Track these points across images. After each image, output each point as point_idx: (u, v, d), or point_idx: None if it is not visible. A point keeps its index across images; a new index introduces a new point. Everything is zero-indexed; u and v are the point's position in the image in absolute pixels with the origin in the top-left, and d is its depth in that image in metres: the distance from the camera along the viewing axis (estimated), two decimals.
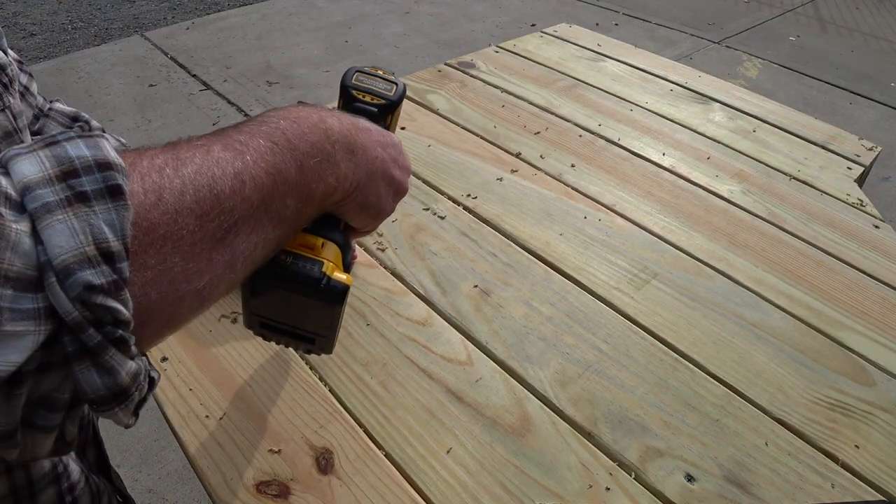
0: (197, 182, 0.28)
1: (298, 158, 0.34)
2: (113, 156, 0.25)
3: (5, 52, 0.51)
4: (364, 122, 0.43)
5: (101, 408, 0.25)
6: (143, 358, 0.27)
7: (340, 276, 0.40)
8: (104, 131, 0.64)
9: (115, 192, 0.24)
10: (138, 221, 0.25)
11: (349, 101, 0.50)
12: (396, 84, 0.53)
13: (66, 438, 0.26)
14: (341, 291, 0.40)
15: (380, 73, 0.53)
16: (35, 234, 0.22)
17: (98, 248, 0.23)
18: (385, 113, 0.52)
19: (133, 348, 0.25)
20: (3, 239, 0.21)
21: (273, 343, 0.50)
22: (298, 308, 0.41)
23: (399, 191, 0.46)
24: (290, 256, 0.39)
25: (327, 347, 0.46)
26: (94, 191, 0.24)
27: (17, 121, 0.47)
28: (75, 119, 0.62)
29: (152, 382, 0.28)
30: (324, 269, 0.39)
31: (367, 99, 0.51)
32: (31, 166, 0.23)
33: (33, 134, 0.58)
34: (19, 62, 0.56)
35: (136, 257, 0.25)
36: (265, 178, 0.32)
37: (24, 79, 0.56)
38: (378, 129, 0.44)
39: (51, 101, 0.63)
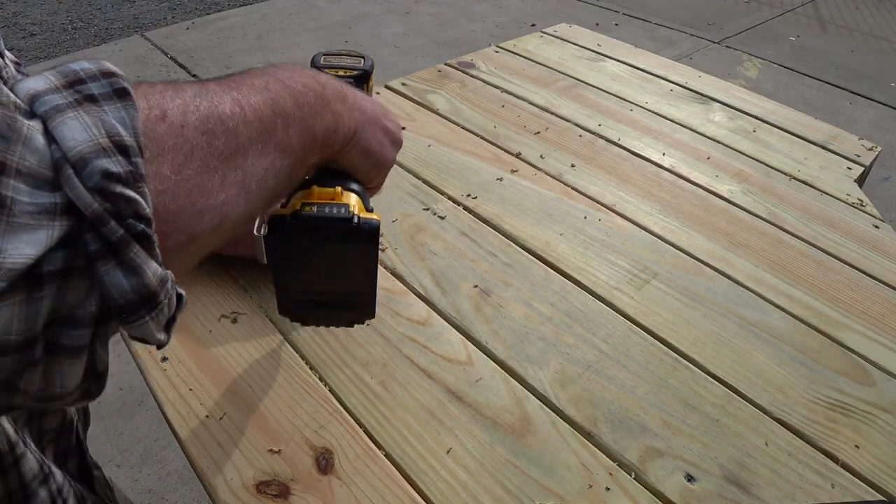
0: (198, 104, 0.28)
1: (293, 95, 0.35)
2: (117, 69, 0.25)
3: (1, 55, 0.51)
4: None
5: (132, 317, 0.24)
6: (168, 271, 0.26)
7: (370, 215, 0.40)
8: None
9: (122, 94, 0.24)
10: (147, 133, 0.25)
11: None
12: (364, 58, 0.56)
13: (98, 368, 0.25)
14: (374, 227, 0.39)
15: (345, 52, 0.56)
16: (47, 134, 0.22)
17: (112, 141, 0.23)
18: (361, 82, 0.54)
19: (157, 251, 0.24)
20: (14, 132, 0.21)
21: (309, 326, 0.49)
22: (333, 264, 0.41)
23: (395, 140, 0.47)
24: (314, 206, 0.39)
25: (369, 308, 0.45)
26: (102, 93, 0.24)
27: None
28: None
29: (181, 299, 0.27)
30: (351, 209, 0.39)
31: (340, 74, 0.53)
32: (36, 82, 0.23)
33: None
34: (17, 63, 0.56)
35: (149, 165, 0.25)
36: (263, 108, 0.32)
37: None
38: (361, 92, 0.46)
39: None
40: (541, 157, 0.96)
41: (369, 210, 0.42)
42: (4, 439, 0.35)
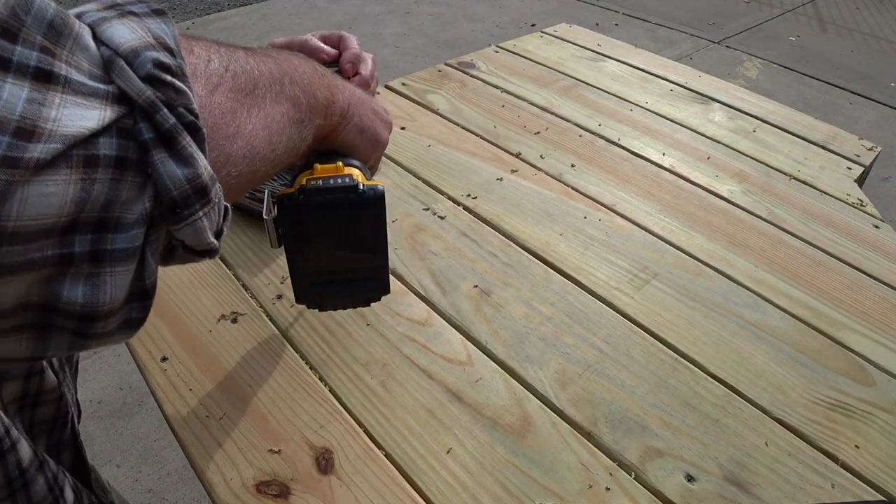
0: (217, 49, 0.30)
1: (292, 65, 0.37)
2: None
3: None
4: None
5: (186, 212, 0.24)
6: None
7: (373, 181, 0.41)
8: None
9: (160, 13, 0.25)
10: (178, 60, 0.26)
11: None
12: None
13: (146, 281, 0.24)
14: (380, 192, 0.40)
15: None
16: (96, 39, 0.22)
17: (158, 42, 0.24)
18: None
19: (207, 146, 0.25)
20: (67, 27, 0.21)
21: (329, 311, 0.50)
22: (344, 238, 0.41)
23: (385, 121, 0.48)
24: (318, 180, 0.40)
25: (383, 283, 0.46)
26: (142, 12, 0.25)
27: None
28: None
29: (227, 210, 0.28)
30: (355, 178, 0.40)
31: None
32: (81, 7, 0.24)
33: None
34: None
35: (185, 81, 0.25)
36: (271, 65, 0.34)
37: None
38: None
39: None
40: (541, 157, 0.96)
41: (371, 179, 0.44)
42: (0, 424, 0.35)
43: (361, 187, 0.39)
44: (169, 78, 0.23)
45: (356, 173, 0.41)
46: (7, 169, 0.18)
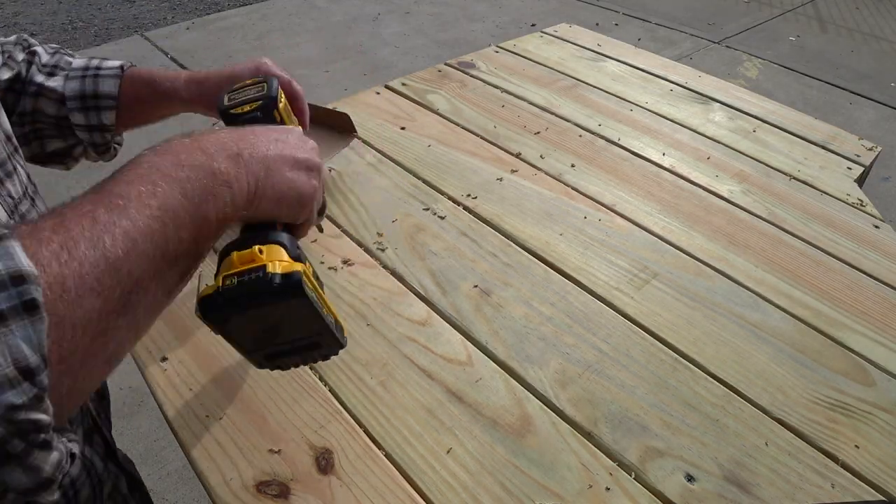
0: (93, 259, 0.29)
1: (181, 186, 0.35)
2: (24, 263, 0.26)
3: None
4: (250, 128, 0.43)
5: (29, 497, 0.27)
6: (63, 439, 0.29)
7: (290, 267, 0.40)
8: (50, 52, 0.61)
9: (30, 307, 0.25)
10: (48, 307, 0.27)
11: (231, 120, 0.51)
12: (266, 83, 0.53)
13: None
14: (296, 281, 0.39)
15: (248, 82, 0.54)
16: None
17: (18, 368, 0.25)
18: (268, 111, 0.52)
19: (55, 442, 0.27)
20: None
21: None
22: (277, 320, 0.41)
23: (311, 167, 0.45)
24: (232, 278, 0.39)
25: (334, 342, 0.45)
26: (10, 308, 0.25)
27: None
28: (16, 44, 0.60)
29: (74, 457, 0.31)
30: (268, 270, 0.39)
31: (246, 109, 0.51)
32: None
33: None
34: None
35: (51, 355, 0.26)
36: (154, 224, 0.33)
37: None
38: (266, 127, 0.45)
39: None
40: (541, 157, 0.96)
41: (295, 257, 0.41)
42: None
43: (276, 281, 0.38)
44: (22, 415, 0.25)
45: (274, 257, 0.40)
46: None
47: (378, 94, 1.11)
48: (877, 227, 0.86)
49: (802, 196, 0.91)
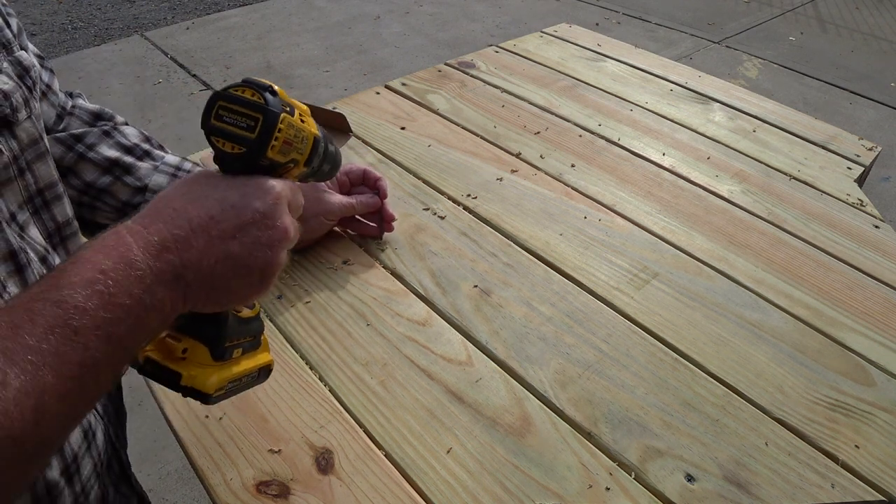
0: (13, 413, 0.27)
1: (106, 333, 0.31)
2: None
3: (26, 50, 0.50)
4: (215, 206, 0.36)
5: None
6: None
7: (205, 380, 0.39)
8: (127, 124, 0.64)
9: None
10: None
11: (211, 144, 0.40)
12: (263, 113, 0.38)
13: None
14: (203, 397, 0.40)
15: (247, 95, 0.39)
16: None
17: None
18: (251, 161, 0.39)
19: None
20: None
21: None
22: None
23: (267, 272, 0.38)
24: (151, 365, 0.39)
25: (269, 372, 0.47)
26: None
27: (39, 123, 0.47)
28: (98, 117, 0.62)
29: None
30: (181, 382, 0.39)
31: (228, 148, 0.39)
32: None
33: (57, 132, 0.57)
34: (40, 57, 0.56)
35: None
36: (72, 384, 0.29)
37: (45, 76, 0.55)
38: (235, 205, 0.37)
39: (73, 97, 0.62)
40: (541, 157, 0.96)
41: (220, 354, 0.40)
42: None
43: (185, 391, 0.39)
44: None
45: (194, 360, 0.39)
46: None
47: (378, 94, 1.11)
48: (877, 227, 0.86)
49: (802, 196, 0.91)
